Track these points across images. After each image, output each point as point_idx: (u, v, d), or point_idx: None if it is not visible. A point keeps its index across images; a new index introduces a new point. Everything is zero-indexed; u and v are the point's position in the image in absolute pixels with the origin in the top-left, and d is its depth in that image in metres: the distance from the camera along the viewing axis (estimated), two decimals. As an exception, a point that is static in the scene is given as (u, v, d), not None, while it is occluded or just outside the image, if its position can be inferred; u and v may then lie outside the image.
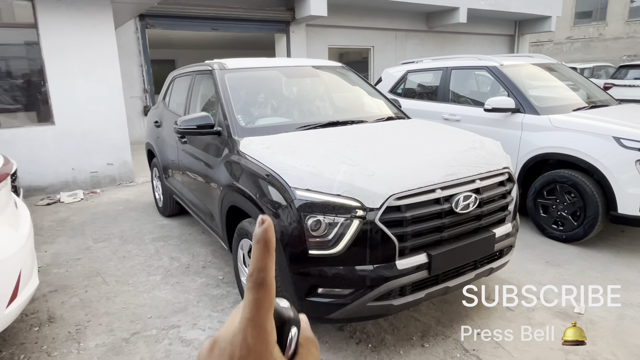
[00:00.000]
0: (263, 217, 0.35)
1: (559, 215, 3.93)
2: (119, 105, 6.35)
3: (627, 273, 3.37)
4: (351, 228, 2.15)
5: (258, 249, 0.34)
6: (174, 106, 4.46)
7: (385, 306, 2.26)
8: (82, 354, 2.56)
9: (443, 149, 2.69)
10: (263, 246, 0.33)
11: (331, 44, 12.64)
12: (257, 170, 2.52)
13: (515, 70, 4.60)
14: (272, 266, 0.34)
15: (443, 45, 14.92)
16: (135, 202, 5.66)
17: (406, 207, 2.21)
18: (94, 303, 3.14)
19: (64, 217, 5.10)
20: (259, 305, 0.33)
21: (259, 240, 0.34)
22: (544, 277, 3.32)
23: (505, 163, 2.70)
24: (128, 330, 2.79)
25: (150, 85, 10.27)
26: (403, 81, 5.88)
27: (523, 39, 16.87)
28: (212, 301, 3.11)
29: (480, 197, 2.44)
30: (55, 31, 5.73)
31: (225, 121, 3.08)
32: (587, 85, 4.99)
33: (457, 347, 2.53)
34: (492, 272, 2.67)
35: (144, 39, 9.97)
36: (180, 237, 4.36)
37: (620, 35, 26.85)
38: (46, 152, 5.91)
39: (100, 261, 3.85)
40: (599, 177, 3.60)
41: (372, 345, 2.56)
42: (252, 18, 10.85)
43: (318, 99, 3.70)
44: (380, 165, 2.37)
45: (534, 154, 4.03)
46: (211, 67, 3.54)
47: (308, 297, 2.27)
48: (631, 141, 3.44)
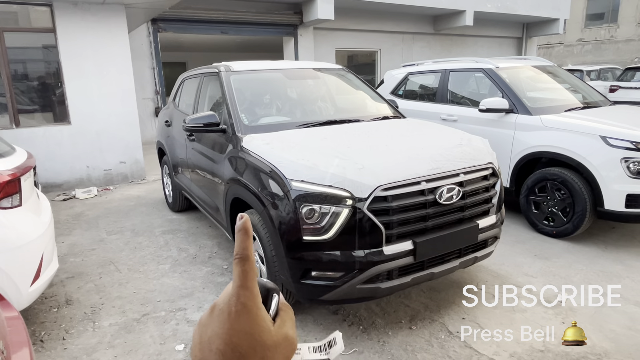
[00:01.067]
0: (242, 214, 0.44)
1: (549, 212, 4.09)
2: (131, 106, 6.63)
3: (612, 266, 3.52)
4: (341, 216, 2.35)
5: (240, 235, 0.42)
6: (184, 106, 4.70)
7: (373, 289, 2.45)
8: (97, 332, 2.79)
9: (431, 145, 2.88)
10: (244, 233, 0.42)
11: (338, 46, 12.86)
12: (258, 164, 2.74)
13: (510, 73, 4.76)
14: (251, 246, 0.42)
15: (450, 47, 15.06)
16: (147, 199, 5.92)
17: (392, 197, 2.40)
18: (108, 288, 3.38)
19: (79, 212, 5.38)
20: (246, 274, 0.41)
21: (240, 229, 0.43)
22: (531, 269, 3.49)
23: (489, 159, 2.88)
24: (139, 311, 3.02)
25: (161, 87, 10.58)
26: (404, 83, 6.06)
27: (531, 41, 16.93)
28: (216, 287, 3.33)
29: (464, 189, 2.62)
30: (72, 35, 6.03)
31: (230, 119, 3.30)
32: (583, 87, 5.13)
33: (442, 329, 2.72)
34: (476, 260, 2.85)
35: (156, 42, 10.28)
36: (188, 231, 4.60)
37: (632, 37, 26.67)
38: (62, 150, 6.20)
39: (113, 251, 4.10)
40: (587, 174, 3.76)
41: (363, 327, 2.76)
42: (260, 22, 11.12)
43: (318, 100, 3.91)
44: (370, 159, 2.57)
45: (526, 152, 4.19)
46: (218, 69, 3.78)
47: (302, 280, 2.48)
48: (617, 140, 3.60)
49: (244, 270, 0.41)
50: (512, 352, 2.48)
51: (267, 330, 0.41)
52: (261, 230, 2.68)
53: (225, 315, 0.41)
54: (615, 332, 2.65)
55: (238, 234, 0.43)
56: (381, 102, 4.02)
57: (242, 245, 0.42)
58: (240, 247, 0.42)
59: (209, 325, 0.42)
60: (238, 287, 0.41)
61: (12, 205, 2.46)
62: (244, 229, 0.42)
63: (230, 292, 0.41)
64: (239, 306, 0.40)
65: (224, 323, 0.40)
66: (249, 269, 0.41)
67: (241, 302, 0.40)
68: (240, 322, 0.40)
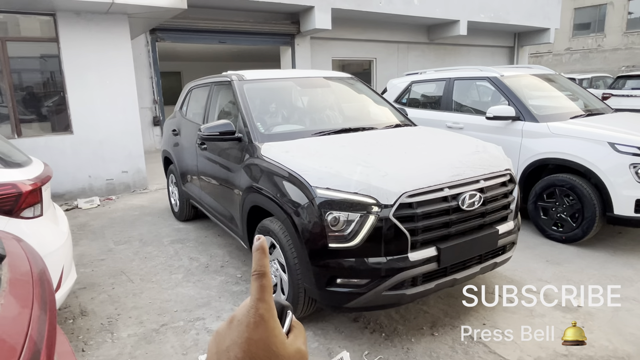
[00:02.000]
0: (259, 236, 0.49)
1: (558, 217, 4.14)
2: (134, 115, 6.61)
3: (623, 270, 3.57)
4: (367, 223, 2.36)
5: (258, 254, 0.46)
6: (191, 115, 4.70)
7: (398, 295, 2.46)
8: (116, 343, 2.76)
9: (449, 152, 2.91)
10: (261, 252, 0.46)
11: (335, 56, 12.96)
12: (279, 172, 2.74)
13: (515, 81, 4.84)
14: (268, 264, 0.46)
15: (444, 56, 15.25)
16: (150, 208, 5.88)
17: (417, 204, 2.42)
18: (122, 298, 3.35)
19: (84, 222, 5.32)
20: (264, 288, 0.44)
21: (257, 248, 0.46)
22: (544, 275, 3.52)
23: (506, 165, 2.92)
24: (157, 322, 2.99)
25: (159, 96, 10.56)
26: (407, 91, 6.13)
27: (522, 50, 17.21)
28: (232, 297, 3.31)
29: (484, 195, 2.65)
30: (75, 44, 6.01)
31: (245, 128, 3.31)
32: (584, 94, 5.23)
33: (464, 335, 2.72)
34: (495, 266, 2.87)
35: (154, 51, 10.29)
36: (197, 240, 4.57)
37: (619, 46, 27.25)
38: (64, 160, 6.14)
39: (123, 261, 4.06)
40: (595, 180, 3.82)
41: (385, 334, 2.76)
42: (258, 31, 11.18)
43: (330, 108, 3.94)
44: (392, 166, 2.59)
45: (534, 159, 4.25)
46: (230, 78, 3.79)
47: (327, 287, 2.48)
48: (625, 146, 3.67)
49: (262, 285, 0.44)
50: (537, 356, 2.50)
51: (282, 342, 0.44)
52: (283, 238, 2.68)
53: (243, 326, 0.43)
54: (635, 335, 2.68)
55: (256, 252, 0.46)
56: (392, 110, 4.05)
57: (260, 263, 0.45)
58: (257, 264, 0.45)
59: (227, 335, 0.44)
60: (256, 300, 0.44)
61: (34, 215, 2.44)
62: (261, 248, 0.46)
63: (248, 305, 0.44)
64: (257, 317, 0.43)
65: (243, 333, 0.43)
66: (266, 284, 0.44)
67: (259, 314, 0.43)
68: (257, 332, 0.43)
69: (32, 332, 0.87)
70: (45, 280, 1.16)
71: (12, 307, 0.92)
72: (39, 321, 0.92)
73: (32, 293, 1.02)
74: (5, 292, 0.97)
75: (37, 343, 0.85)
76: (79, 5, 5.59)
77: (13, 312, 0.90)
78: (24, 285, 1.04)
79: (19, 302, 0.95)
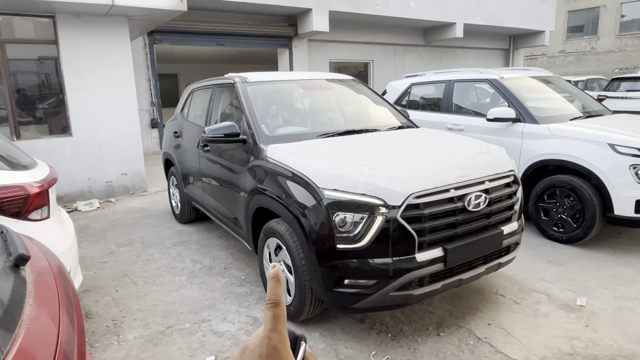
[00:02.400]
0: (274, 264, 0.48)
1: (559, 218, 4.17)
2: (133, 117, 6.60)
3: (623, 270, 3.60)
4: (375, 223, 2.38)
5: (272, 282, 0.45)
6: (193, 117, 4.70)
7: (405, 296, 2.48)
8: (122, 345, 2.75)
9: (454, 153, 2.93)
10: (276, 281, 0.45)
11: (332, 58, 13.00)
12: (286, 174, 2.76)
13: (514, 83, 4.89)
14: (282, 293, 0.45)
15: (440, 59, 15.34)
16: (151, 210, 5.86)
17: (424, 205, 2.44)
18: (126, 301, 3.34)
19: (84, 225, 5.30)
20: (277, 318, 0.44)
21: (272, 277, 0.46)
22: (547, 275, 3.55)
23: (510, 166, 2.95)
24: (162, 324, 2.99)
25: (157, 98, 10.55)
26: (407, 94, 6.16)
27: (518, 52, 17.34)
28: (237, 298, 3.32)
29: (490, 196, 2.68)
30: (75, 46, 6.00)
31: (250, 130, 3.32)
32: (582, 96, 5.28)
33: (470, 335, 2.74)
34: (500, 266, 2.89)
35: (152, 53, 10.28)
36: (199, 242, 4.57)
37: (612, 48, 27.51)
38: (64, 162, 6.12)
39: (125, 264, 4.05)
40: (595, 181, 3.86)
41: (392, 335, 2.77)
42: (256, 33, 11.20)
43: (333, 110, 3.96)
44: (398, 167, 2.61)
45: (535, 160, 4.29)
46: (233, 81, 3.80)
47: (335, 288, 2.49)
48: (625, 147, 3.71)
49: (276, 314, 0.44)
50: (542, 356, 2.52)
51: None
52: (289, 240, 2.69)
53: (256, 357, 0.43)
54: (639, 334, 2.71)
55: (270, 281, 0.46)
56: (393, 112, 4.08)
57: (274, 292, 0.45)
58: (272, 293, 0.45)
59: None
60: (269, 331, 0.44)
61: (42, 218, 2.43)
62: (276, 277, 0.46)
63: (261, 335, 0.44)
64: (270, 348, 0.43)
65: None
66: (281, 314, 0.44)
67: (272, 345, 0.43)
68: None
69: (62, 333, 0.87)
70: (67, 281, 1.16)
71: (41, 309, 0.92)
72: (68, 321, 0.93)
73: (57, 294, 1.03)
74: (32, 293, 0.98)
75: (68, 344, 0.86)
76: (79, 7, 5.58)
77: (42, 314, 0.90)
78: (48, 286, 1.04)
79: (46, 304, 0.96)
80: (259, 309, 3.14)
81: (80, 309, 1.09)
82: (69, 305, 1.01)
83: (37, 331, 0.81)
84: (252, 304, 3.22)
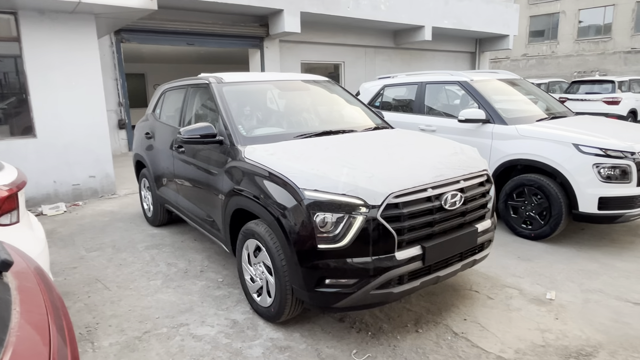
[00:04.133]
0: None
1: (527, 216, 4.33)
2: (101, 117, 6.41)
3: (588, 264, 3.78)
4: (356, 223, 2.40)
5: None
6: (166, 118, 4.61)
7: (386, 294, 2.51)
8: (97, 352, 2.67)
9: (430, 154, 3.00)
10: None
11: (304, 59, 13.02)
12: (265, 175, 2.75)
13: (483, 85, 5.04)
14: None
15: (410, 61, 15.61)
16: (121, 214, 5.71)
17: (403, 204, 2.49)
18: (99, 307, 3.24)
19: (51, 229, 5.11)
20: None
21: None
22: (517, 270, 3.68)
23: (483, 166, 3.04)
24: (139, 329, 2.92)
25: (125, 98, 10.27)
26: (380, 95, 6.25)
27: (483, 55, 17.85)
28: (215, 301, 3.28)
29: (465, 195, 2.75)
30: (39, 44, 5.78)
31: (226, 131, 3.29)
32: (547, 98, 5.49)
33: (447, 331, 2.81)
34: (475, 263, 2.98)
35: (119, 53, 10.01)
36: (173, 245, 4.49)
37: (571, 53, 28.72)
38: (28, 165, 5.87)
39: (97, 269, 3.93)
40: (561, 179, 4.03)
41: (372, 333, 2.81)
42: (227, 33, 11.09)
43: (310, 111, 3.97)
44: (377, 168, 2.65)
45: (504, 160, 4.43)
46: (208, 81, 3.75)
47: (317, 288, 2.50)
48: (588, 147, 3.89)
49: None
50: (517, 348, 2.61)
51: None
52: (269, 241, 2.69)
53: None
54: (605, 324, 2.85)
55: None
56: (369, 113, 4.13)
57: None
58: None
59: None
60: None
61: (11, 222, 2.34)
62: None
63: None
64: None
65: None
66: None
67: None
68: None
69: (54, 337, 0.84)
70: (49, 284, 1.13)
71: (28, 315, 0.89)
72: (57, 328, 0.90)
73: (42, 299, 0.99)
74: (17, 299, 0.94)
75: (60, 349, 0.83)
76: (43, 3, 5.38)
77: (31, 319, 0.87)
78: (33, 292, 1.00)
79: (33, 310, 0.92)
80: (238, 312, 3.11)
81: (67, 312, 1.06)
82: (56, 309, 0.98)
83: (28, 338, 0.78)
84: (231, 307, 3.19)
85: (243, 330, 2.88)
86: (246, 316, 3.05)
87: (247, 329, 2.89)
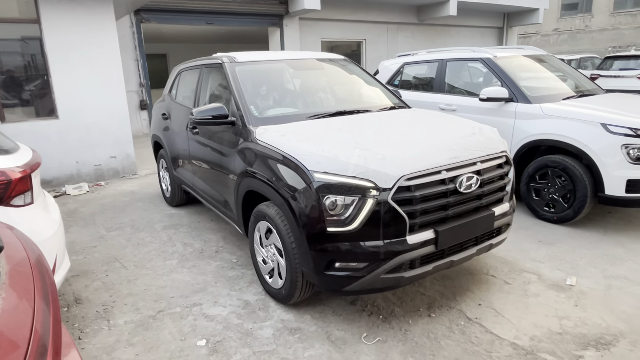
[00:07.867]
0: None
1: (550, 198, 4.18)
2: (121, 98, 6.46)
3: (613, 249, 3.63)
4: (366, 206, 2.35)
5: None
6: (181, 99, 4.61)
7: (397, 278, 2.47)
8: (112, 330, 2.74)
9: (446, 134, 2.89)
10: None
11: (324, 37, 12.79)
12: (275, 156, 2.71)
13: (507, 62, 4.82)
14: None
15: (434, 37, 15.16)
16: (141, 194, 5.80)
17: (415, 187, 2.41)
18: (116, 285, 3.31)
19: (73, 209, 5.24)
20: None
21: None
22: (537, 255, 3.56)
23: (502, 147, 2.92)
24: (153, 308, 2.97)
25: (146, 79, 10.35)
26: (400, 73, 6.08)
27: (511, 31, 17.17)
28: (229, 282, 3.30)
29: (481, 178, 2.65)
30: (58, 26, 5.82)
31: (238, 111, 3.25)
32: (576, 75, 5.23)
33: (460, 316, 2.76)
34: (491, 247, 2.89)
35: (139, 33, 10.03)
36: (190, 225, 4.53)
37: (606, 27, 27.33)
38: (50, 145, 6.01)
39: (115, 248, 4.01)
40: (587, 161, 3.85)
41: (383, 316, 2.78)
42: (246, 12, 10.97)
43: (323, 90, 3.88)
44: (389, 149, 2.57)
45: (527, 140, 4.26)
46: (221, 61, 3.70)
47: (326, 271, 2.47)
48: (617, 127, 3.69)
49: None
50: (532, 335, 2.54)
51: None
52: (280, 223, 2.66)
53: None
54: (627, 312, 2.74)
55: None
56: (385, 92, 4.02)
57: None
58: None
59: None
60: None
61: (25, 203, 2.37)
62: None
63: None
64: None
65: None
66: None
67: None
68: None
69: (37, 326, 0.84)
70: (45, 270, 1.12)
71: (14, 301, 0.89)
72: (43, 314, 0.89)
73: (33, 284, 0.99)
74: (6, 285, 0.94)
75: (43, 336, 0.83)
76: (61, -16, 5.40)
77: (15, 306, 0.87)
78: (24, 277, 1.00)
79: (20, 295, 0.92)
80: (251, 292, 3.13)
81: (57, 300, 1.05)
82: (45, 296, 0.97)
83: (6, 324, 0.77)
84: (244, 287, 3.21)
85: (254, 311, 2.89)
86: (258, 297, 3.06)
87: (258, 309, 2.90)
